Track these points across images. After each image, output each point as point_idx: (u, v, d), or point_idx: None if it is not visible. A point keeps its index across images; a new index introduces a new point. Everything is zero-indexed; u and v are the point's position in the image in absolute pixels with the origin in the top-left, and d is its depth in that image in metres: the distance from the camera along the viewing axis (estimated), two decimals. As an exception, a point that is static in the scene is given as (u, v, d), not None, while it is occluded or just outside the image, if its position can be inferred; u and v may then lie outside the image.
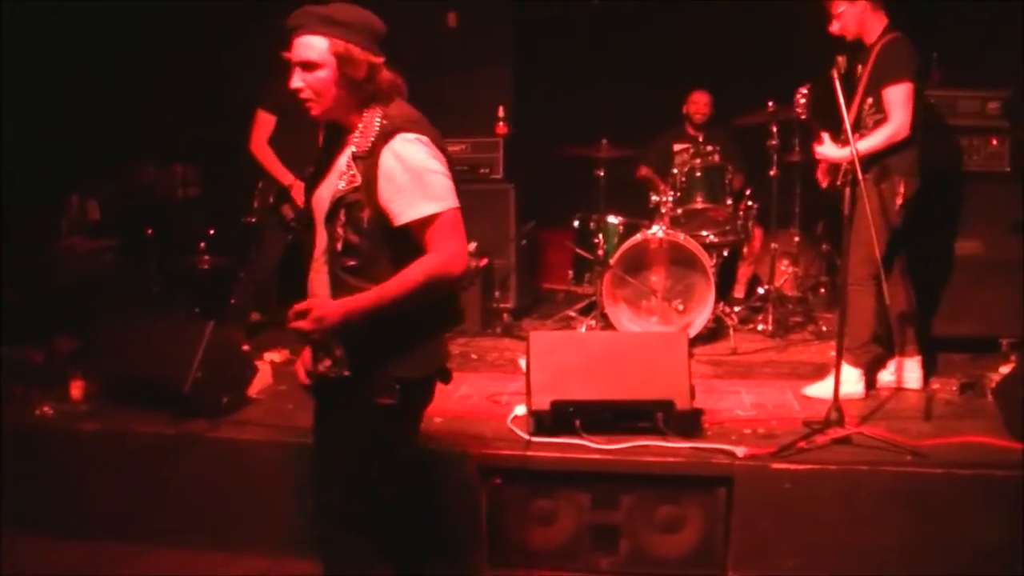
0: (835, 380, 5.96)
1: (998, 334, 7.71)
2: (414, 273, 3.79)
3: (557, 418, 5.68)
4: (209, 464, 5.89)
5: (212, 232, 9.24)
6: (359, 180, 3.85)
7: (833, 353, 6.23)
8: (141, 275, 9.14)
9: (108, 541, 5.87)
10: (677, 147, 9.81)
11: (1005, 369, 6.72)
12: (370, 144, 3.87)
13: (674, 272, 8.50)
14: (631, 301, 8.53)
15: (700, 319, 8.28)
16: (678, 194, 8.73)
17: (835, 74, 6.10)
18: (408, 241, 3.87)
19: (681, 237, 8.38)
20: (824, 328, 8.80)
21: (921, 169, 6.65)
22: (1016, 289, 7.72)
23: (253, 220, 8.38)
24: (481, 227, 9.24)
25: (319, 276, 4.03)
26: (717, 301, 8.37)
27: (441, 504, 5.56)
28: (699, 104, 10.06)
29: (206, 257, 9.13)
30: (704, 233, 8.74)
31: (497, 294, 9.31)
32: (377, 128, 3.89)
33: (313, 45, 3.88)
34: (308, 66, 3.90)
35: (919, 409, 6.47)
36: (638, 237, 8.42)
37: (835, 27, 6.77)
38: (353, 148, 3.92)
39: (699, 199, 8.71)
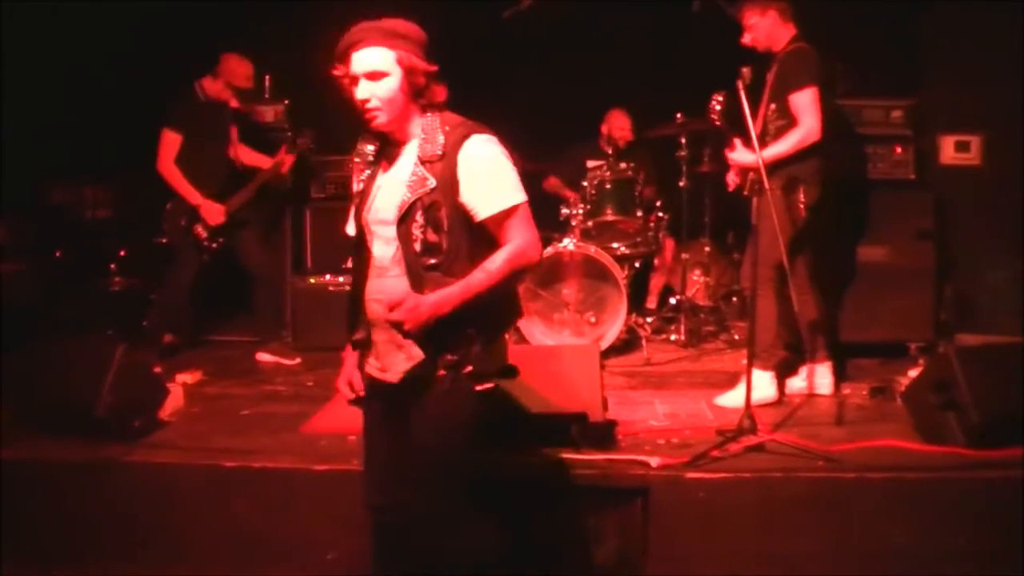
0: (747, 388, 6.01)
1: (906, 339, 7.85)
2: (499, 262, 3.96)
3: (471, 433, 5.66)
4: (124, 488, 5.79)
5: (123, 253, 9.15)
6: (433, 182, 3.98)
7: (746, 361, 6.28)
8: (51, 298, 9.03)
9: (23, 569, 5.77)
10: (591, 163, 9.80)
11: (914, 373, 6.79)
12: (441, 148, 4.04)
13: (586, 284, 8.52)
14: (543, 314, 8.54)
15: (613, 331, 8.30)
16: (588, 207, 8.77)
17: (740, 85, 6.17)
18: (483, 236, 4.05)
19: (592, 249, 8.40)
20: (737, 337, 8.86)
21: (824, 177, 6.74)
22: (923, 294, 7.84)
23: (164, 241, 8.31)
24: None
25: (385, 282, 4.11)
26: (629, 312, 8.39)
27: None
28: (624, 130, 10.06)
29: (117, 279, 9.05)
30: (615, 245, 8.78)
31: (410, 310, 9.28)
32: (442, 133, 4.07)
33: (379, 56, 4.04)
34: (376, 76, 4.03)
35: (831, 415, 6.54)
36: (549, 250, 8.39)
37: (747, 39, 6.90)
38: (418, 154, 4.06)
39: (609, 211, 8.74)
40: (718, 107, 6.76)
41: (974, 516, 5.29)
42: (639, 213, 8.77)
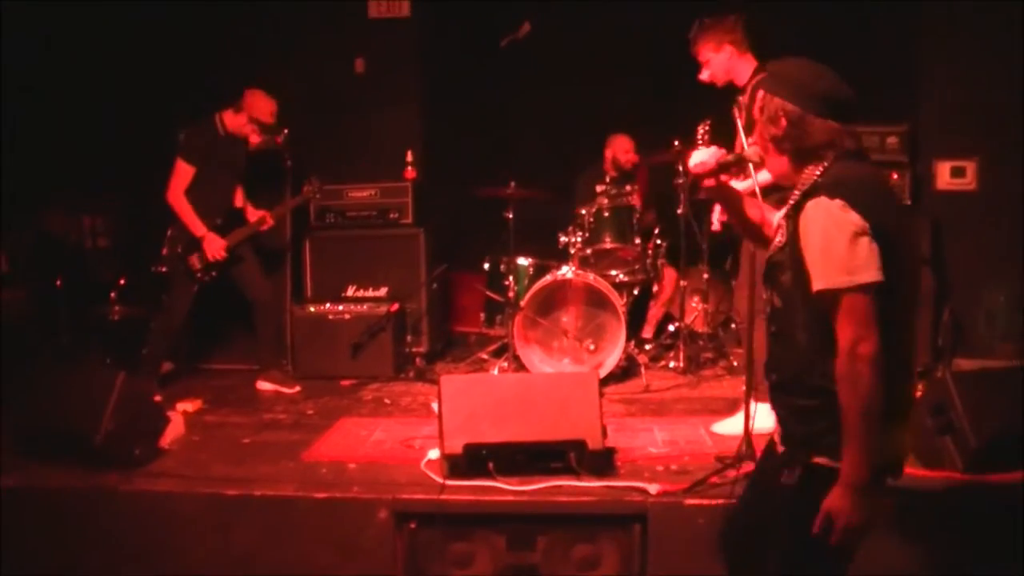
0: (745, 414, 6.02)
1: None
2: None
3: (470, 461, 5.67)
4: (124, 516, 5.79)
5: (123, 281, 9.17)
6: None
7: (744, 388, 6.28)
8: (51, 326, 9.04)
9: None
10: (599, 188, 9.79)
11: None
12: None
13: (585, 312, 8.55)
14: (543, 342, 8.57)
15: (612, 358, 8.33)
16: (587, 234, 8.79)
17: (736, 112, 6.20)
18: None
19: (591, 277, 8.43)
20: (735, 363, 8.86)
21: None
22: (920, 319, 7.84)
23: (163, 269, 8.33)
24: (391, 272, 9.29)
25: None
26: (628, 340, 8.41)
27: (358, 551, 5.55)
28: (628, 152, 10.11)
29: (117, 307, 9.06)
30: (614, 272, 8.82)
31: (409, 338, 9.31)
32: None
33: None
34: None
35: (829, 440, 6.51)
36: (548, 278, 8.46)
37: (704, 75, 6.90)
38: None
39: (607, 239, 8.76)
40: (705, 136, 6.79)
41: (971, 540, 5.31)
42: (637, 240, 8.80)
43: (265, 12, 9.94)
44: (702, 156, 4.16)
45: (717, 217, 7.07)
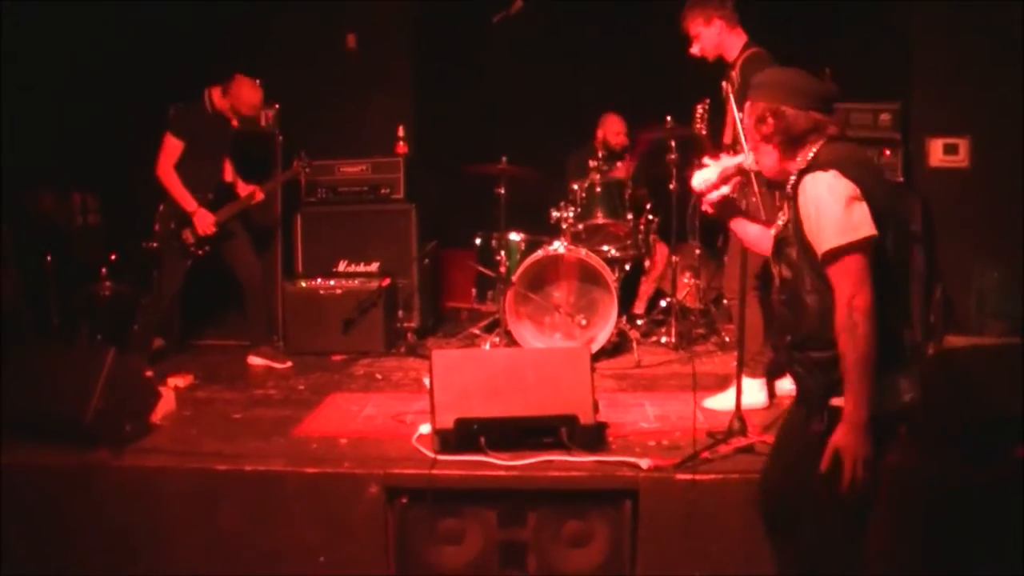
0: (737, 390, 6.03)
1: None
2: None
3: (462, 436, 5.66)
4: (115, 492, 5.75)
5: (114, 258, 9.14)
6: None
7: (736, 364, 6.29)
8: (41, 303, 9.02)
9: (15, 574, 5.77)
10: (592, 164, 9.78)
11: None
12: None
13: (577, 287, 8.55)
14: (534, 317, 8.57)
15: (603, 333, 8.32)
16: (579, 209, 8.78)
17: (728, 88, 6.18)
18: None
19: (583, 252, 8.42)
20: (727, 339, 8.87)
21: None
22: (912, 297, 7.83)
23: (155, 245, 8.30)
24: (383, 247, 9.28)
25: None
26: (620, 315, 8.41)
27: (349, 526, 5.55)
28: (619, 134, 10.14)
29: (108, 284, 9.03)
30: (605, 248, 8.81)
31: (401, 314, 9.30)
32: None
33: None
34: None
35: (820, 416, 6.51)
36: (540, 253, 8.45)
37: (695, 49, 6.90)
38: None
39: (599, 214, 8.75)
40: (704, 115, 6.78)
41: (961, 519, 5.32)
42: (629, 216, 8.79)
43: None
44: (706, 175, 4.45)
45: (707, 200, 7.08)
